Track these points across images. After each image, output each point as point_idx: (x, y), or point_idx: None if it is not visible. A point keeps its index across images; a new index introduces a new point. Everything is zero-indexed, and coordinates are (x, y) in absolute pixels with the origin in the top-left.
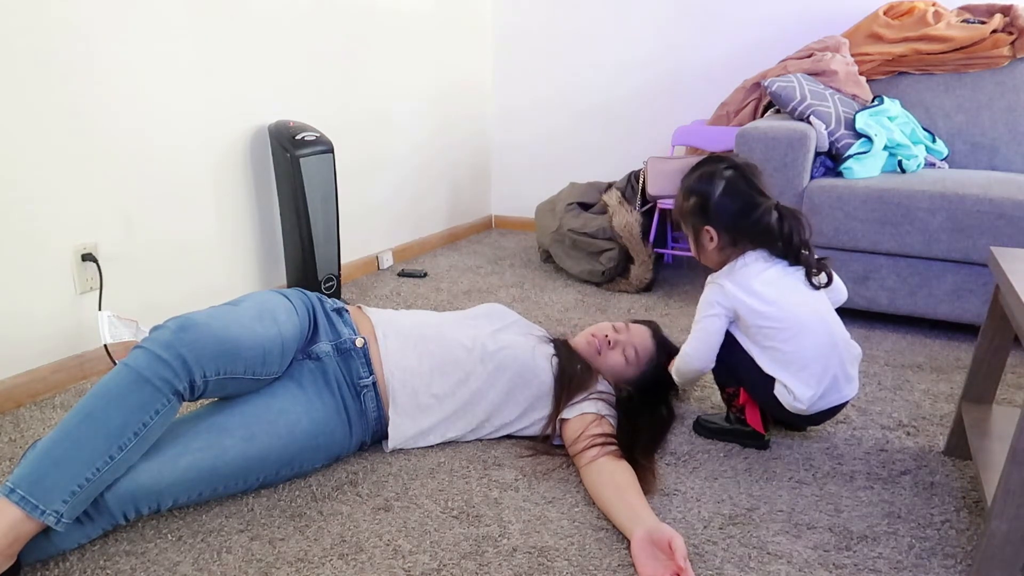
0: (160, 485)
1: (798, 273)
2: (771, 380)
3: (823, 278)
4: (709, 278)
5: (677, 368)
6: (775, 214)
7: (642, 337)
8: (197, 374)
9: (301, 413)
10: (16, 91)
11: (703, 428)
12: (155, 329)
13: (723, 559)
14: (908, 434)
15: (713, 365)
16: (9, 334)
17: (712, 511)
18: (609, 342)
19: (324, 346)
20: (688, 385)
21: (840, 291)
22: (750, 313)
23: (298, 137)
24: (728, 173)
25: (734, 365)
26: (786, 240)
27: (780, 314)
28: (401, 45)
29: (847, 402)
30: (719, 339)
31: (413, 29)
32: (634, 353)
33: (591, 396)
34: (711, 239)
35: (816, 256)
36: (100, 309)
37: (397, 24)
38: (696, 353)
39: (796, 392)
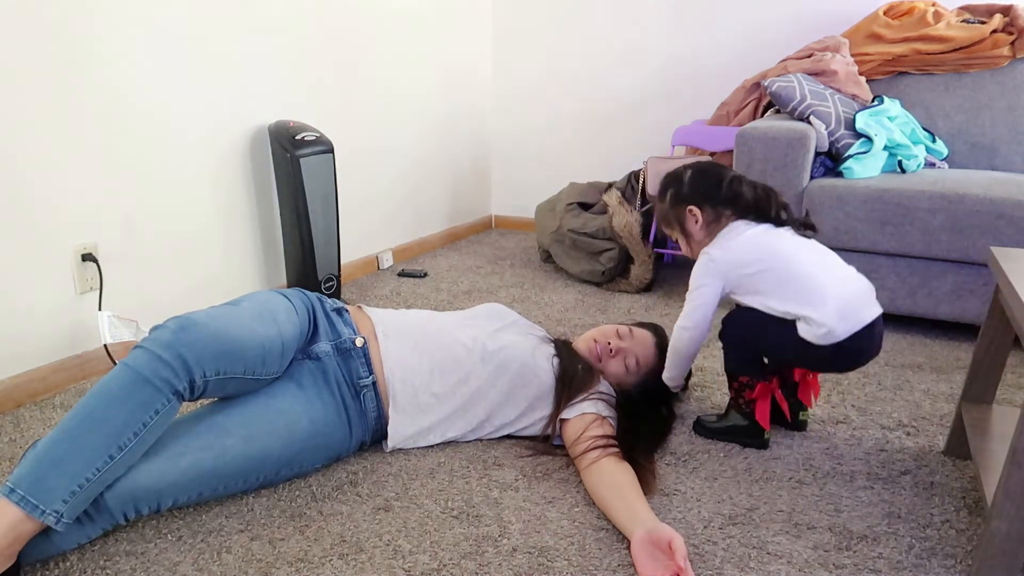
0: (160, 485)
1: (785, 230)
2: (792, 328)
3: (810, 232)
4: (700, 252)
5: (672, 349)
6: (744, 182)
7: (644, 345)
8: (197, 374)
9: (301, 413)
10: (16, 91)
11: (703, 428)
12: (155, 329)
13: (723, 559)
14: (908, 434)
15: (707, 335)
16: (9, 334)
17: (712, 511)
18: (611, 350)
19: (324, 346)
20: (677, 381)
21: None
22: (742, 265)
23: (298, 137)
24: (692, 167)
25: (752, 339)
26: (763, 203)
27: (771, 251)
28: (402, 47)
29: (878, 335)
30: (712, 308)
31: (414, 32)
32: (635, 363)
33: (591, 396)
34: (696, 220)
35: (797, 217)
36: (100, 309)
37: (399, 27)
38: (690, 323)
39: (816, 317)
